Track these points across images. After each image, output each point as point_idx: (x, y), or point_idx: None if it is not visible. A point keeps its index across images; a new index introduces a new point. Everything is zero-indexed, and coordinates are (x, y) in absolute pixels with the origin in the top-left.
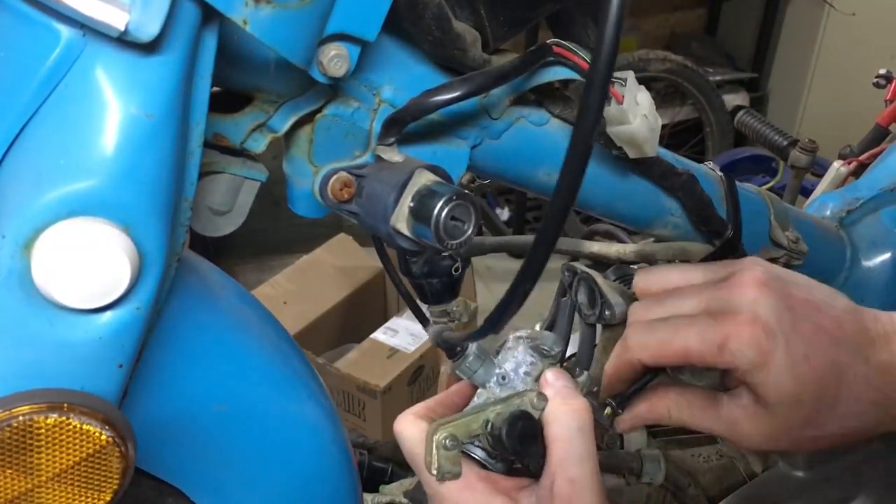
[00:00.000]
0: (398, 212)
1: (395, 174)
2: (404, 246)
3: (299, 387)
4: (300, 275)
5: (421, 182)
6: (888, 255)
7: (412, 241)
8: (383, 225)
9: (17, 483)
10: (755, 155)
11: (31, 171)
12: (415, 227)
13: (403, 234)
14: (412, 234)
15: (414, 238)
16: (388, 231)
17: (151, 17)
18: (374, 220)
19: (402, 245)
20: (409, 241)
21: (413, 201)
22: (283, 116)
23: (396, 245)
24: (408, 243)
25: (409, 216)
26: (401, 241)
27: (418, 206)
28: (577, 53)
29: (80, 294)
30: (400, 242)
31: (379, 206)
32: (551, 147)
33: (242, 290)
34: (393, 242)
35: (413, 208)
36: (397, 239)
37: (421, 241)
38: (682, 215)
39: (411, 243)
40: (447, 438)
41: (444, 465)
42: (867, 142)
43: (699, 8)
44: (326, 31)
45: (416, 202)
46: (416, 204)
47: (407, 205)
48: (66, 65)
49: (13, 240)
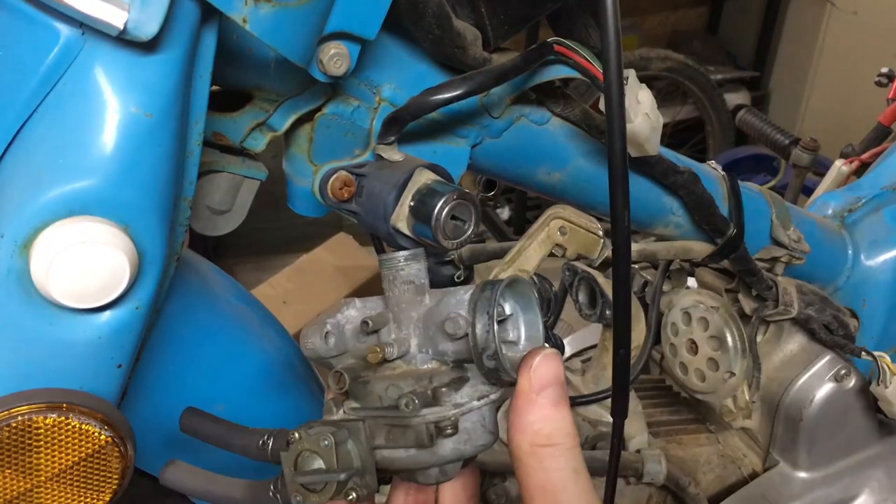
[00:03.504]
0: (398, 211)
1: (396, 173)
2: (404, 245)
3: (299, 386)
4: (300, 274)
5: (421, 181)
6: (890, 254)
7: (412, 240)
8: (383, 224)
9: (17, 483)
10: (756, 154)
11: (29, 170)
12: (415, 227)
13: (403, 233)
14: (412, 233)
15: (414, 237)
16: (388, 230)
17: (150, 15)
18: (374, 220)
19: (402, 244)
20: (409, 240)
21: (413, 200)
22: (283, 115)
23: (396, 244)
24: (408, 242)
25: (409, 215)
26: (401, 240)
27: (418, 206)
28: (578, 52)
29: (79, 293)
30: (400, 241)
31: (379, 205)
32: (552, 146)
33: (242, 289)
34: (393, 242)
35: (413, 207)
36: (397, 238)
37: (421, 241)
38: (683, 214)
39: (411, 242)
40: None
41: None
42: (869, 140)
43: (700, 6)
44: (326, 30)
45: (416, 201)
46: (417, 203)
47: (407, 204)
48: (65, 63)
49: (12, 239)
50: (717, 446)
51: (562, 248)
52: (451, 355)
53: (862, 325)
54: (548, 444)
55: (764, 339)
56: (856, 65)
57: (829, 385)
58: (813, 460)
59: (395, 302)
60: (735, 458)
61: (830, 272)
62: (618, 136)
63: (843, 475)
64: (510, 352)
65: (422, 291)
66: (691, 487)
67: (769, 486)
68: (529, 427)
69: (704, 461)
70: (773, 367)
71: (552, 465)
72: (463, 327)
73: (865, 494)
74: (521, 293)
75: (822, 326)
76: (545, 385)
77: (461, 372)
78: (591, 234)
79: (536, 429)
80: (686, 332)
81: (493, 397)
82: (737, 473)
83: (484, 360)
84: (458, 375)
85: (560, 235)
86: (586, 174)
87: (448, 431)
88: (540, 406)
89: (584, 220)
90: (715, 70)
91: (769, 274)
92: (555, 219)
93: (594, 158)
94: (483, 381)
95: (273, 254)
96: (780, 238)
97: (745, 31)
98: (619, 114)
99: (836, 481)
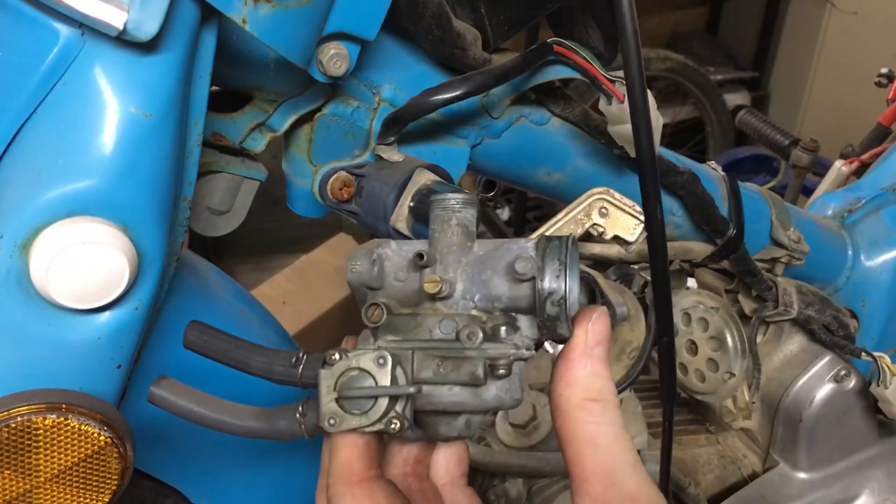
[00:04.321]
0: (398, 211)
1: (395, 174)
2: None
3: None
4: (299, 275)
5: (421, 181)
6: (890, 255)
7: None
8: (383, 224)
9: (16, 483)
10: (756, 154)
11: (29, 170)
12: (415, 227)
13: (403, 233)
14: (412, 233)
15: (413, 238)
16: (387, 230)
17: (150, 16)
18: (374, 220)
19: None
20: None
21: (413, 201)
22: (283, 115)
23: None
24: None
25: (408, 216)
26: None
27: (418, 206)
28: (577, 52)
29: (79, 294)
30: None
31: (379, 205)
32: (552, 146)
33: (241, 290)
34: None
35: (413, 208)
36: (397, 238)
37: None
38: (683, 214)
39: None
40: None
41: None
42: (869, 141)
43: (700, 7)
44: (326, 30)
45: (416, 202)
46: (417, 203)
47: (407, 204)
48: (65, 64)
49: (11, 240)
50: (717, 447)
51: (599, 227)
52: (505, 301)
53: (862, 325)
54: (599, 398)
55: (764, 340)
56: (856, 65)
57: (828, 386)
58: (813, 461)
59: (446, 244)
60: (735, 459)
61: (830, 273)
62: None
63: (842, 476)
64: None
65: (472, 237)
66: (691, 488)
67: (769, 487)
68: (581, 381)
69: (704, 462)
70: (773, 367)
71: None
72: (533, 269)
73: (865, 495)
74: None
75: (822, 327)
76: (599, 341)
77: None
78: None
79: (588, 383)
80: (686, 332)
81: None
82: (736, 474)
83: (547, 306)
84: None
85: (599, 216)
86: (586, 174)
87: (501, 372)
88: (594, 360)
89: (626, 204)
90: (715, 70)
91: (769, 274)
92: (597, 198)
93: (594, 159)
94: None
95: (273, 254)
96: (779, 238)
97: (745, 32)
98: (644, 107)
99: (835, 482)
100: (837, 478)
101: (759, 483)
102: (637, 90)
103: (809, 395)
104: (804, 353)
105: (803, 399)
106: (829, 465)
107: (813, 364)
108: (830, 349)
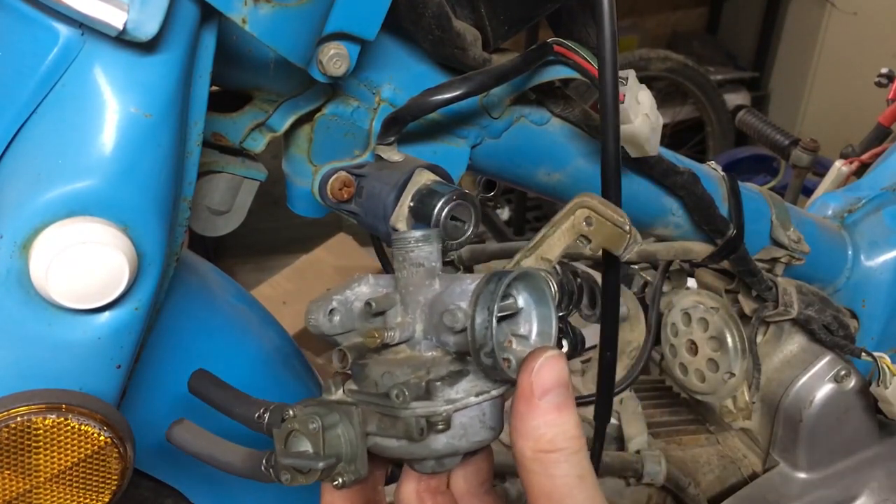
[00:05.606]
0: (398, 211)
1: (395, 174)
2: None
3: (299, 387)
4: (299, 275)
5: (421, 181)
6: (890, 255)
7: None
8: (383, 224)
9: (16, 484)
10: (756, 154)
11: (29, 170)
12: (415, 227)
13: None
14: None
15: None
16: (387, 231)
17: (150, 16)
18: (374, 220)
19: None
20: None
21: (413, 201)
22: (283, 115)
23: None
24: None
25: (408, 216)
26: None
27: (418, 206)
28: (578, 52)
29: (79, 294)
30: None
31: (378, 205)
32: (552, 146)
33: (241, 290)
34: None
35: (413, 208)
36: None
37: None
38: (683, 214)
39: None
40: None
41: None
42: (869, 141)
43: (700, 7)
44: (326, 30)
45: (416, 202)
46: (416, 203)
47: (407, 204)
48: (65, 64)
49: (11, 240)
50: (717, 447)
51: (587, 239)
52: (453, 346)
53: (862, 325)
54: (551, 449)
55: (764, 340)
56: (856, 65)
57: (829, 386)
58: (813, 461)
59: (404, 283)
60: (735, 459)
61: (830, 273)
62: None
63: (843, 476)
64: (520, 346)
65: (432, 275)
66: (691, 488)
67: (769, 487)
68: (532, 432)
69: (704, 462)
70: (773, 367)
71: (556, 471)
72: (461, 321)
73: (865, 495)
74: (535, 286)
75: (822, 327)
76: (548, 389)
77: (462, 365)
78: (616, 227)
79: (539, 434)
80: (686, 332)
81: (493, 394)
82: (737, 474)
83: (481, 357)
84: (458, 368)
85: (586, 226)
86: (586, 174)
87: (440, 427)
88: (543, 410)
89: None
90: (715, 70)
91: (769, 274)
92: (581, 207)
93: (594, 159)
94: (484, 378)
95: (273, 254)
96: (779, 239)
97: (745, 32)
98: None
99: (836, 482)
100: (837, 478)
101: (759, 483)
102: (608, 70)
103: (809, 395)
104: (804, 353)
105: (803, 399)
106: (829, 465)
107: (813, 364)
108: (830, 349)
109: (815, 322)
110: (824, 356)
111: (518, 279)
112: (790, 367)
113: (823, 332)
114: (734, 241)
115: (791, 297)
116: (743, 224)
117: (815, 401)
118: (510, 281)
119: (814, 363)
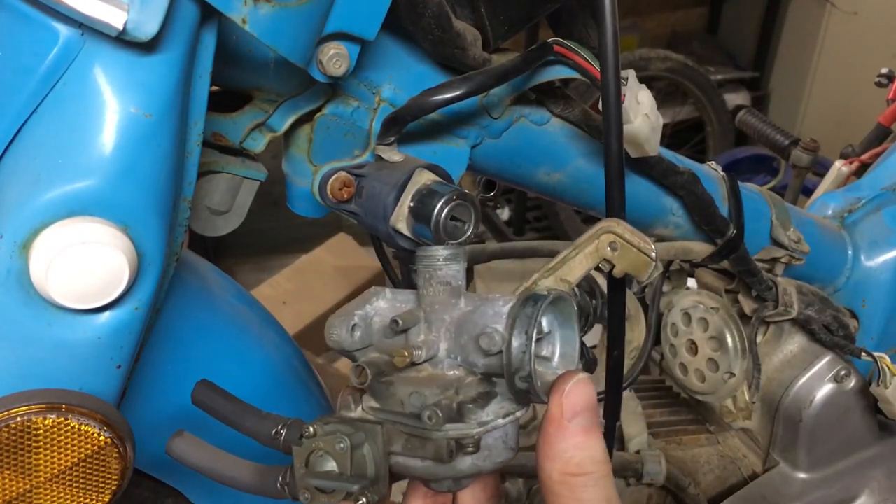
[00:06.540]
0: (398, 211)
1: (395, 174)
2: (404, 246)
3: (298, 387)
4: (299, 275)
5: (421, 181)
6: (890, 255)
7: (412, 240)
8: (383, 224)
9: (16, 483)
10: (756, 154)
11: (29, 170)
12: (415, 227)
13: (403, 233)
14: (412, 233)
15: (413, 238)
16: (387, 231)
17: (150, 16)
18: (374, 220)
19: (401, 245)
20: (408, 240)
21: (413, 201)
22: (283, 115)
23: (396, 245)
24: (407, 243)
25: (408, 216)
26: (400, 240)
27: (418, 206)
28: (578, 52)
29: (79, 294)
30: (399, 242)
31: (378, 205)
32: (552, 146)
33: (242, 290)
34: (392, 242)
35: (413, 208)
36: (397, 239)
37: (420, 241)
38: (683, 215)
39: (411, 243)
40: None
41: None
42: (869, 141)
43: (700, 7)
44: (326, 30)
45: (416, 202)
46: (416, 204)
47: (407, 204)
48: (65, 64)
49: (11, 240)
50: (717, 447)
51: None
52: (482, 368)
53: (862, 325)
54: (579, 472)
55: (764, 340)
56: (856, 65)
57: (828, 386)
58: (813, 461)
59: (429, 301)
60: (735, 459)
61: (830, 273)
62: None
63: (843, 476)
64: (542, 367)
65: (457, 294)
66: (691, 488)
67: (769, 487)
68: (561, 455)
69: (704, 462)
70: (773, 367)
71: (584, 495)
72: (498, 344)
73: (865, 495)
74: (562, 311)
75: (822, 327)
76: (577, 412)
77: (489, 386)
78: (643, 254)
79: (568, 457)
80: (686, 332)
81: (518, 415)
82: (737, 474)
83: (516, 381)
84: (486, 390)
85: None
86: (586, 174)
87: (469, 449)
88: (572, 433)
89: (637, 239)
90: (715, 70)
91: (769, 275)
92: (606, 232)
93: (594, 159)
94: (510, 399)
95: (273, 254)
96: (779, 239)
97: (745, 32)
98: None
99: (836, 482)
100: (837, 478)
101: (759, 483)
102: (611, 82)
103: (809, 395)
104: (804, 353)
105: (803, 399)
106: (829, 465)
107: (813, 364)
108: (830, 349)
109: (815, 322)
110: (824, 356)
111: (550, 304)
112: (790, 367)
113: (823, 332)
114: (734, 241)
115: (791, 297)
116: (743, 224)
117: (815, 401)
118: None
119: (814, 363)
